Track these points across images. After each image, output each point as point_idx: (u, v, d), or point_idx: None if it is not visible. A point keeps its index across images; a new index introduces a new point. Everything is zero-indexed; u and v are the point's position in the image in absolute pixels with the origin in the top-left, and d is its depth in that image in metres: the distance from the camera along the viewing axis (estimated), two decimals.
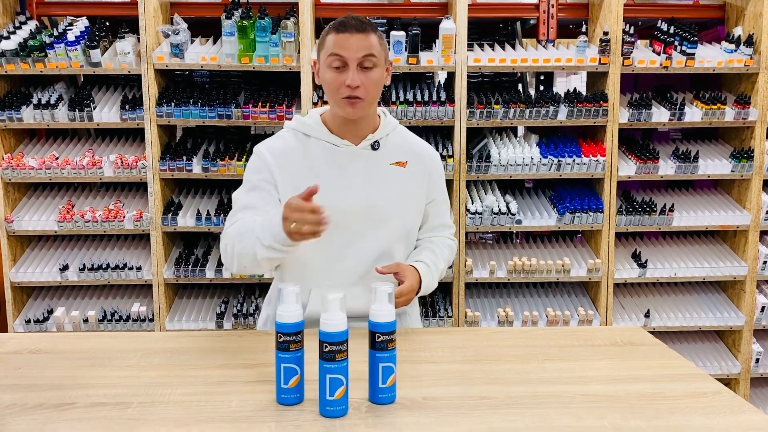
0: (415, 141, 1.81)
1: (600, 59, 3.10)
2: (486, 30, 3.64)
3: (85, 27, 3.11)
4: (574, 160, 3.13)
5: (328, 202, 1.65)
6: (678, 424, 1.17)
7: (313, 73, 1.72)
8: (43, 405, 1.23)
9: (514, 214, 3.14)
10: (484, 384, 1.33)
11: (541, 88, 3.65)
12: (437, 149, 3.13)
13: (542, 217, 3.20)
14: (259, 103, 3.07)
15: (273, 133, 1.81)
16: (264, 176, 1.68)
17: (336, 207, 1.65)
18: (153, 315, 3.17)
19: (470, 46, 3.25)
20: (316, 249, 1.66)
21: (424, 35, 3.11)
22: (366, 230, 1.69)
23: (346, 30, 1.60)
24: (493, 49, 3.28)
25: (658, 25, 3.24)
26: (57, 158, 3.12)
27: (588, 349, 1.54)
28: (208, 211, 3.13)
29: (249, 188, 1.69)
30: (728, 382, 3.34)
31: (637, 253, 3.34)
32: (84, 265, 3.14)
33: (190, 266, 3.14)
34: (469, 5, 3.07)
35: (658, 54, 3.15)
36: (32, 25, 3.17)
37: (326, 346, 1.16)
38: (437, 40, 3.10)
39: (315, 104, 3.03)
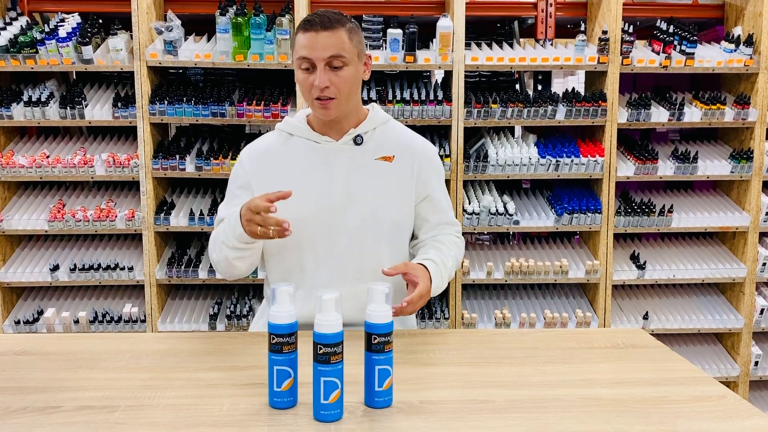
0: (407, 135, 1.74)
1: (599, 58, 3.08)
2: (483, 29, 3.61)
3: (77, 23, 3.07)
4: (572, 161, 3.10)
5: (310, 199, 1.63)
6: (684, 429, 1.13)
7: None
8: (27, 408, 1.19)
9: (511, 215, 3.11)
10: (483, 387, 1.29)
11: (539, 88, 3.62)
12: None
13: (540, 218, 3.17)
14: (254, 101, 3.03)
15: (267, 132, 1.78)
16: (240, 183, 1.69)
17: (317, 203, 1.63)
18: (145, 316, 3.12)
19: (468, 45, 3.22)
20: (301, 249, 1.63)
21: (422, 33, 3.07)
22: (350, 228, 1.64)
23: (311, 29, 1.54)
24: (490, 48, 3.25)
25: (658, 24, 3.22)
26: (48, 156, 3.07)
27: (589, 351, 1.51)
28: (201, 210, 3.09)
29: (229, 199, 1.70)
30: (727, 385, 3.30)
31: (636, 254, 3.32)
32: (75, 265, 3.09)
33: (182, 267, 3.10)
34: (467, 3, 3.04)
35: (658, 53, 3.13)
36: (23, 21, 3.13)
37: (320, 348, 1.12)
38: (434, 39, 3.07)
39: None
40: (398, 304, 1.45)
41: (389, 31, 2.98)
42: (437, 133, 3.29)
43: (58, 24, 3.04)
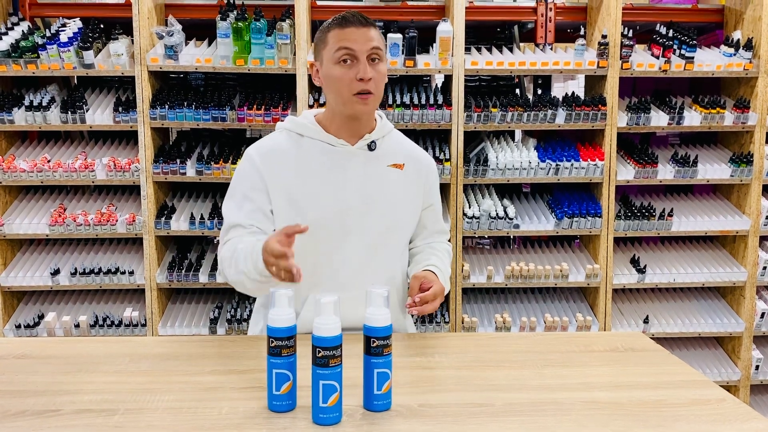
0: (411, 145, 1.80)
1: (598, 63, 3.08)
2: (483, 33, 3.62)
3: (78, 28, 3.08)
4: (572, 165, 3.10)
5: (324, 202, 1.63)
6: None
7: (309, 75, 1.68)
8: (26, 412, 1.19)
9: (511, 219, 3.11)
10: (482, 391, 1.29)
11: (539, 92, 3.62)
12: (434, 153, 3.11)
13: (540, 222, 3.17)
14: (254, 106, 3.04)
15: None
16: (252, 183, 1.63)
17: (333, 207, 1.63)
18: (145, 320, 3.12)
19: (468, 50, 3.23)
20: (317, 251, 1.62)
21: (422, 38, 3.08)
22: (362, 231, 1.64)
23: (350, 24, 1.58)
24: (490, 53, 3.26)
25: (657, 28, 3.22)
26: (49, 161, 3.08)
27: (588, 355, 1.51)
28: (201, 214, 3.09)
29: (238, 201, 1.63)
30: (728, 389, 3.30)
31: (636, 258, 3.31)
32: (75, 269, 3.09)
33: (183, 271, 3.10)
34: (466, 8, 3.05)
35: (657, 58, 3.13)
36: (25, 26, 3.14)
37: (319, 351, 1.12)
38: (434, 43, 3.08)
39: (311, 106, 3.00)
40: (411, 303, 1.53)
41: (389, 35, 2.98)
42: (437, 138, 3.29)
43: (60, 29, 3.05)
